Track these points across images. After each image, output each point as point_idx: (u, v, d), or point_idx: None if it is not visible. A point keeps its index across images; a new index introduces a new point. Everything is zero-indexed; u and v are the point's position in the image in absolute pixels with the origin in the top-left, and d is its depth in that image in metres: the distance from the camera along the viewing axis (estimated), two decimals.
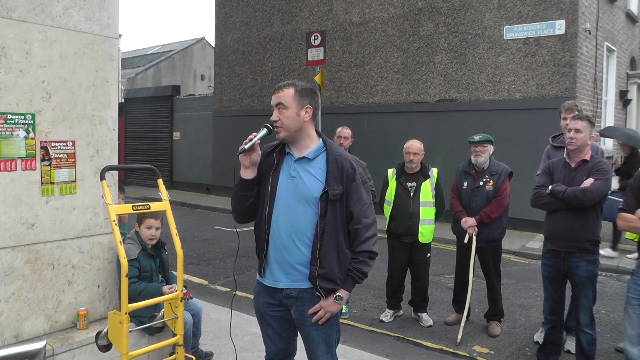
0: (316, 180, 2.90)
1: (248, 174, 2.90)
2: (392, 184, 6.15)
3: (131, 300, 4.16)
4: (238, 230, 3.36)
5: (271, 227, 2.93)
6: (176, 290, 3.74)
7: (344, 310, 6.06)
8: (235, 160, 2.90)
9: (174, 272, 4.27)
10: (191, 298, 4.67)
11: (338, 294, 2.93)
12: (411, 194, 6.01)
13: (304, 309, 2.96)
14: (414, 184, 6.04)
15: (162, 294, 4.30)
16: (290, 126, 2.88)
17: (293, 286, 2.95)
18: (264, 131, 2.88)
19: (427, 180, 6.05)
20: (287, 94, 2.88)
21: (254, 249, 3.05)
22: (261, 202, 2.99)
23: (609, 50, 14.42)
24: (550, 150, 5.65)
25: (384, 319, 6.29)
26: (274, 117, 2.90)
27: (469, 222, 5.78)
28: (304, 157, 2.93)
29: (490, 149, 5.85)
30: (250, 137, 2.82)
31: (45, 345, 2.40)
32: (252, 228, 3.09)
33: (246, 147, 2.80)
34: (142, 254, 4.37)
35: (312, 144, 2.97)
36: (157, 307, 4.04)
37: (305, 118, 2.91)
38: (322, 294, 2.91)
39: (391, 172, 6.25)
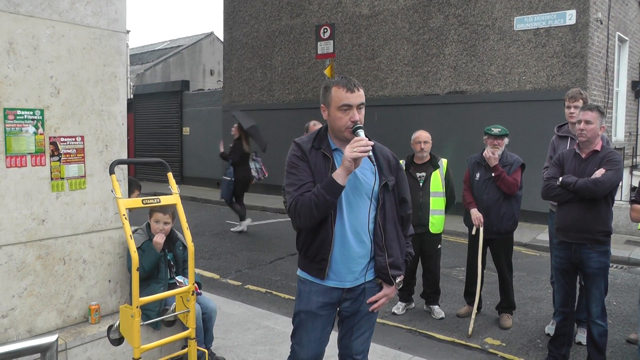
0: (370, 174, 2.94)
1: (346, 179, 2.76)
2: None
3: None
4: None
5: (336, 227, 2.89)
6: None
7: None
8: (328, 164, 2.85)
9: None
10: (200, 294, 4.65)
11: (399, 279, 3.02)
12: (420, 184, 5.99)
13: (363, 299, 3.02)
14: (424, 174, 6.03)
15: (158, 253, 4.31)
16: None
17: (358, 283, 2.98)
18: (363, 132, 2.78)
19: (437, 170, 6.03)
20: (363, 93, 2.88)
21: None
22: None
23: (621, 40, 14.27)
24: (555, 140, 5.64)
25: (396, 311, 6.29)
26: (356, 118, 2.83)
27: (475, 214, 5.76)
28: None
29: (506, 141, 5.83)
30: (365, 142, 2.67)
31: (57, 340, 2.40)
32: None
33: (371, 152, 2.72)
34: (147, 244, 4.37)
35: None
36: (168, 301, 4.06)
37: None
38: (392, 281, 2.98)
39: (401, 163, 6.23)
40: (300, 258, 3.08)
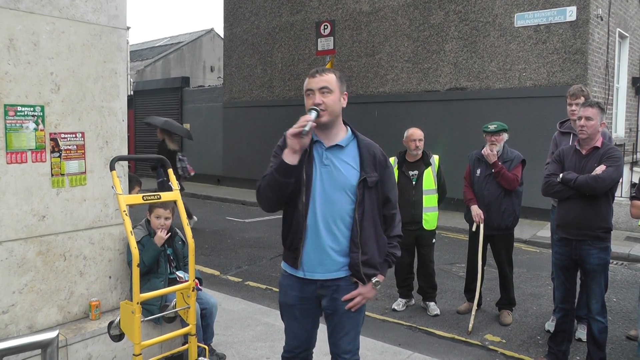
0: (351, 168, 2.90)
1: (295, 159, 2.73)
2: (394, 173, 6.11)
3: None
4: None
5: (308, 217, 2.88)
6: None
7: None
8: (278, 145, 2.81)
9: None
10: (200, 289, 4.67)
11: (377, 279, 2.96)
12: (413, 183, 5.99)
13: (338, 297, 2.97)
14: (416, 172, 6.02)
15: (158, 248, 4.31)
16: (335, 110, 2.85)
17: (330, 277, 2.94)
18: (314, 113, 2.75)
19: (429, 167, 6.03)
20: (331, 79, 2.85)
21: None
22: (296, 192, 2.90)
23: (621, 37, 14.26)
24: (558, 136, 5.63)
25: (396, 307, 6.29)
26: (318, 100, 2.79)
27: (476, 210, 5.76)
28: (336, 145, 2.90)
29: (505, 136, 5.82)
30: (306, 118, 2.68)
31: (57, 335, 2.41)
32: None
33: (307, 128, 2.65)
34: (147, 239, 4.38)
35: (342, 132, 2.96)
36: (168, 297, 4.06)
37: (343, 105, 2.92)
38: (365, 280, 2.92)
39: (392, 160, 6.12)
40: (283, 248, 3.10)
